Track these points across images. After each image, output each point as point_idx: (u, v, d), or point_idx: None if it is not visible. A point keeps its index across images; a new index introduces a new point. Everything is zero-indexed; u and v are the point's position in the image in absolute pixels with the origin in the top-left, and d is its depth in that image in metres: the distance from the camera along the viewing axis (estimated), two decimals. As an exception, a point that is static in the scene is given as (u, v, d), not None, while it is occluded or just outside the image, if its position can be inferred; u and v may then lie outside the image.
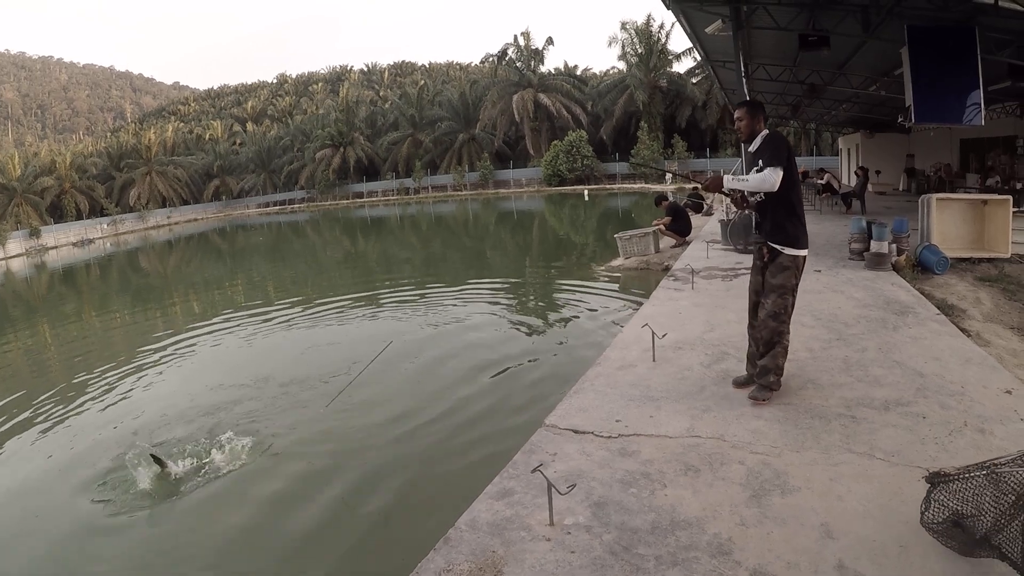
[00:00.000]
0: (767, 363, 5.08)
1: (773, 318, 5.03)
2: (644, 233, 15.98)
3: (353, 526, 5.43)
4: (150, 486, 6.30)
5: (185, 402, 8.88)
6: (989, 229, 10.83)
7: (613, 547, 3.34)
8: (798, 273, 5.07)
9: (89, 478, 6.77)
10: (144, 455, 6.64)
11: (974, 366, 5.54)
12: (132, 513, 5.92)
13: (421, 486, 6.02)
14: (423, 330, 11.82)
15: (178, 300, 21.54)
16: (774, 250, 5.06)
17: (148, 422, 8.25)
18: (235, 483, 6.29)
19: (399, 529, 5.34)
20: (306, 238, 43.65)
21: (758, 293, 5.26)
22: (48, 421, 8.93)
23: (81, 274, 36.36)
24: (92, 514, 6.04)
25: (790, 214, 4.99)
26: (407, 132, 78.33)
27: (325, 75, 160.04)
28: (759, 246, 5.22)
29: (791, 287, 5.04)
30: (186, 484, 6.29)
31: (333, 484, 6.12)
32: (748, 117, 4.90)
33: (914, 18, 10.92)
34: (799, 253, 5.02)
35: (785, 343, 5.11)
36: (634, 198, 47.73)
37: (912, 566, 3.04)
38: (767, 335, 5.07)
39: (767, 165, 4.75)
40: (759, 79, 21.52)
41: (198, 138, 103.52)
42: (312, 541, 5.20)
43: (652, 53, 61.59)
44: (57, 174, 76.65)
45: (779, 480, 3.89)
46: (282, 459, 6.72)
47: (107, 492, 6.38)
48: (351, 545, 5.17)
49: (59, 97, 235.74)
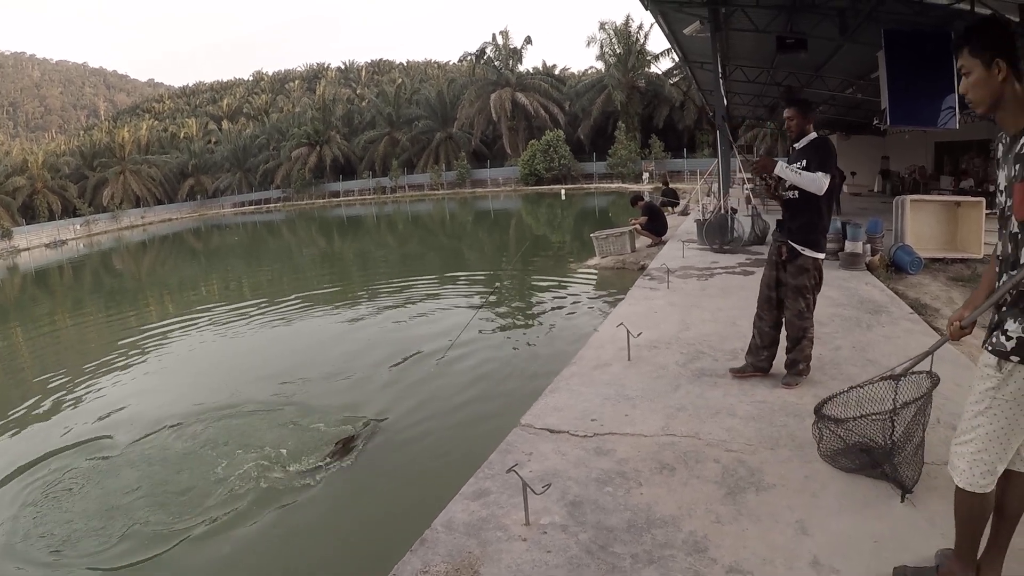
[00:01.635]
0: (796, 356, 5.36)
1: (798, 317, 5.27)
2: (620, 232, 16.00)
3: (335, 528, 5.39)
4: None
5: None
6: (962, 230, 10.96)
7: (589, 546, 3.34)
8: (817, 274, 5.26)
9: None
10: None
11: (947, 364, 5.58)
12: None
13: (396, 489, 5.98)
14: (401, 328, 11.79)
15: (152, 302, 21.35)
16: (793, 250, 5.20)
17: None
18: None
19: (377, 530, 5.31)
20: (282, 238, 43.34)
21: (770, 288, 5.43)
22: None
23: (54, 276, 35.86)
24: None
25: (818, 219, 5.15)
26: (384, 131, 77.84)
27: (302, 73, 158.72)
28: (778, 244, 5.33)
29: (811, 287, 5.25)
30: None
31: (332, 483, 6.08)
32: (799, 117, 5.19)
33: (891, 22, 11.03)
34: (818, 256, 5.20)
35: (810, 335, 5.34)
36: (611, 197, 47.88)
37: (886, 562, 3.06)
38: (795, 332, 5.33)
39: (817, 169, 4.93)
40: (737, 80, 21.68)
41: (173, 136, 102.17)
42: (292, 544, 5.16)
43: (630, 53, 61.85)
44: (29, 174, 75.11)
45: (754, 478, 3.90)
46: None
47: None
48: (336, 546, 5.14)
49: (31, 94, 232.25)
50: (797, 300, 5.24)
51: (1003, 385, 2.50)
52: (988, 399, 2.56)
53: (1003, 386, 2.51)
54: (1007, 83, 2.42)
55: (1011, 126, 2.45)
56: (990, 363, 2.54)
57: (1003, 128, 2.51)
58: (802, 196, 5.11)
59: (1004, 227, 2.51)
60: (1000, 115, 2.48)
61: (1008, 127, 2.47)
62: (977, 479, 2.63)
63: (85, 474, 6.74)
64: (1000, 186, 2.53)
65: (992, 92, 2.45)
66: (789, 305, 5.30)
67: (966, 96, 2.55)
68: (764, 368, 5.60)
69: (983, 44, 2.44)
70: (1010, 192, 2.42)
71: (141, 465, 6.78)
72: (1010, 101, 2.44)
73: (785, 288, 5.31)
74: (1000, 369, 2.49)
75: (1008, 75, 2.40)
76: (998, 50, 2.41)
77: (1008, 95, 2.43)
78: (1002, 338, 2.48)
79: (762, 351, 5.55)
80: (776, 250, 5.37)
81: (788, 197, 5.22)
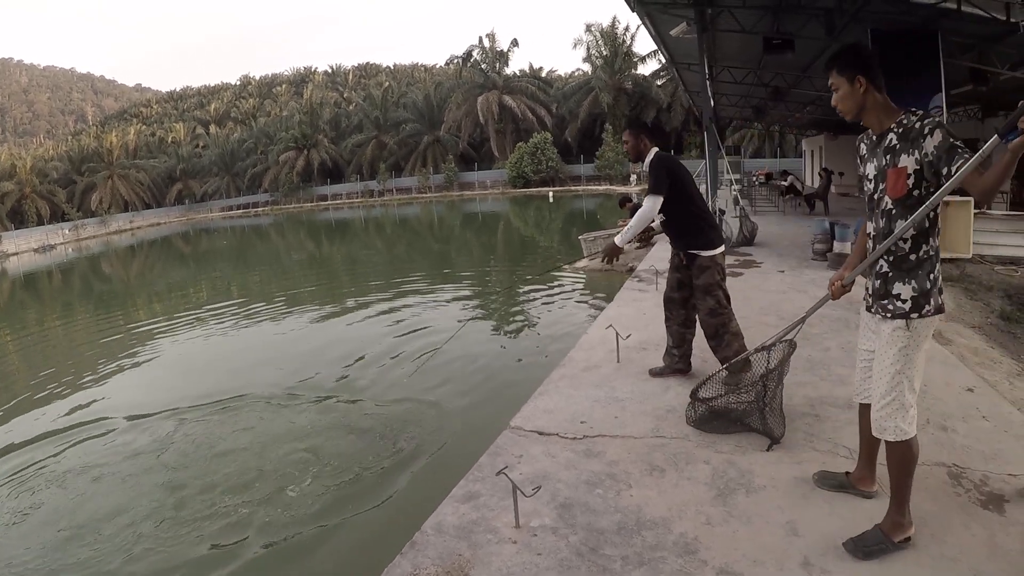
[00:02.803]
0: (725, 353, 5.28)
1: (710, 315, 5.28)
2: (609, 234, 15.98)
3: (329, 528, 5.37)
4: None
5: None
6: (951, 230, 10.97)
7: (579, 548, 3.32)
8: (720, 269, 5.31)
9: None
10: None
11: (936, 364, 5.60)
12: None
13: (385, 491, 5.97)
14: (387, 331, 11.77)
15: (141, 306, 21.25)
16: (691, 254, 5.32)
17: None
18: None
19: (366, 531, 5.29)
20: (270, 242, 43.24)
21: (672, 289, 5.57)
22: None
23: (43, 280, 35.69)
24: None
25: (694, 222, 5.29)
26: (372, 134, 77.72)
27: (289, 77, 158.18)
28: (676, 252, 5.50)
29: (716, 283, 5.28)
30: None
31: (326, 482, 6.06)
32: (632, 138, 5.35)
33: (878, 22, 11.06)
34: (714, 252, 5.27)
35: (731, 329, 5.32)
36: (599, 200, 47.94)
37: (877, 562, 3.06)
38: (709, 330, 5.33)
39: (647, 193, 5.14)
40: (723, 81, 21.73)
41: (160, 141, 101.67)
42: (288, 546, 5.14)
43: (617, 55, 62.03)
44: (17, 178, 74.59)
45: (744, 479, 3.90)
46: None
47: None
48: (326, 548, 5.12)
49: (19, 100, 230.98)
50: (706, 299, 5.27)
51: (912, 340, 3.04)
52: (903, 358, 3.07)
53: (912, 341, 3.04)
54: (868, 94, 3.08)
55: (877, 127, 3.12)
56: (899, 326, 3.06)
57: (871, 128, 3.17)
58: (670, 216, 5.31)
59: (876, 207, 3.13)
60: (866, 119, 3.15)
61: (875, 127, 3.14)
62: (905, 427, 3.10)
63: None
64: (868, 175, 3.18)
65: (856, 102, 3.13)
66: (699, 306, 5.34)
67: (837, 107, 3.23)
68: (680, 368, 5.70)
69: (846, 65, 3.11)
70: (882, 178, 3.06)
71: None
72: (872, 108, 3.11)
73: (694, 290, 5.37)
74: (908, 328, 3.03)
75: (868, 88, 3.07)
76: (858, 69, 3.07)
77: (870, 103, 3.10)
78: (898, 303, 3.06)
79: (673, 351, 5.69)
80: (675, 255, 5.52)
81: (662, 221, 5.39)
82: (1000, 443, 4.15)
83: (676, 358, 5.69)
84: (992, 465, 3.88)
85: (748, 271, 10.70)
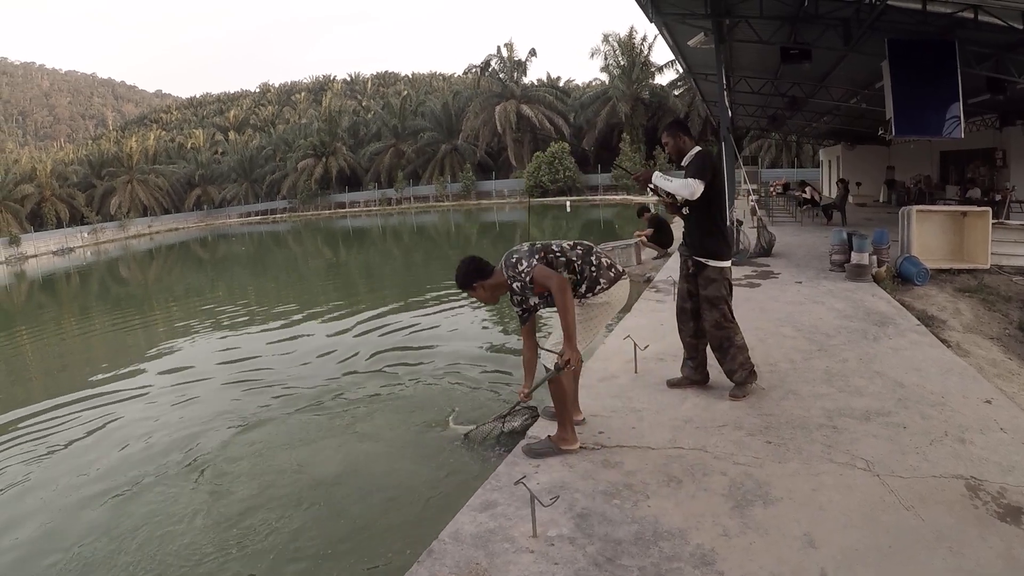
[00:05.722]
0: (730, 366, 5.39)
1: (716, 327, 5.36)
2: (626, 245, 15.99)
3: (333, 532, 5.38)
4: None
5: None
6: (969, 240, 10.90)
7: (596, 558, 3.33)
8: (726, 283, 5.36)
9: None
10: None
11: (954, 376, 5.59)
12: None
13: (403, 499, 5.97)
14: (406, 339, 11.79)
15: (158, 311, 21.40)
16: (699, 263, 5.35)
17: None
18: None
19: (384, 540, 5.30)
20: (288, 249, 43.45)
21: (683, 299, 5.62)
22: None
23: (61, 282, 36.00)
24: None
25: (711, 229, 5.30)
26: (389, 142, 77.96)
27: (308, 84, 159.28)
28: (685, 258, 5.52)
29: (723, 296, 5.33)
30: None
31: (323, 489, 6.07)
32: (672, 139, 5.32)
33: (895, 32, 11.02)
34: (722, 265, 5.32)
35: (737, 342, 5.36)
36: (616, 209, 47.85)
37: (894, 575, 3.06)
38: (715, 342, 5.42)
39: (691, 176, 5.07)
40: (741, 91, 21.69)
41: (180, 147, 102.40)
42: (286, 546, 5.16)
43: (635, 65, 61.99)
44: (38, 182, 75.47)
45: (761, 490, 3.90)
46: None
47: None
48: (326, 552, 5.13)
49: (40, 103, 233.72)
50: (712, 311, 5.33)
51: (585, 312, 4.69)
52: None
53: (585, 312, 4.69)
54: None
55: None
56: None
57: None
58: (694, 211, 5.28)
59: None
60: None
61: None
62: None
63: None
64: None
65: (678, 150, 5.22)
66: (705, 317, 5.40)
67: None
68: (696, 379, 5.71)
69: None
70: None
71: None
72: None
73: (700, 301, 5.42)
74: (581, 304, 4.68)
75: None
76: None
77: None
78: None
79: (688, 361, 5.73)
80: (684, 264, 5.55)
81: (684, 213, 5.38)
82: (1018, 455, 4.14)
83: (692, 369, 5.71)
84: (1010, 477, 3.87)
85: (765, 282, 10.67)
